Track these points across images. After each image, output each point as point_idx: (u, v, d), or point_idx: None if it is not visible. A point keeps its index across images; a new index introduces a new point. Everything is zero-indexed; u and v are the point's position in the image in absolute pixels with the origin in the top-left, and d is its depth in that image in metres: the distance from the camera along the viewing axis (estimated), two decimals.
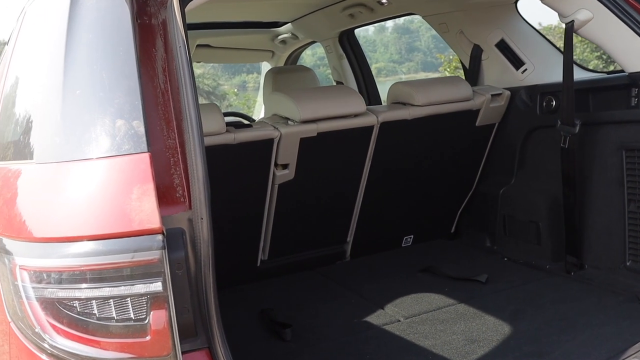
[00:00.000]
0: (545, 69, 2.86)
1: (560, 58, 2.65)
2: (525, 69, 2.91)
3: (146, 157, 1.25)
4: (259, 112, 5.28)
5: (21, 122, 1.56)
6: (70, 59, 1.39)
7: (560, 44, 2.67)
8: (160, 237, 1.22)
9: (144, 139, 1.27)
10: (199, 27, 4.12)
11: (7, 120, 1.70)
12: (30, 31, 1.80)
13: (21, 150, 1.49)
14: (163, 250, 1.22)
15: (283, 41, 4.53)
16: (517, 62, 2.94)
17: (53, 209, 1.28)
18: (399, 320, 2.30)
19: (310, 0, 3.60)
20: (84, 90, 1.35)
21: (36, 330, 1.27)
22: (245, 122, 4.25)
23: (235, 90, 27.14)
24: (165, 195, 1.37)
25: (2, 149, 1.66)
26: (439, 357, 2.01)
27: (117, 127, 1.29)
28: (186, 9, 1.60)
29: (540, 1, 2.42)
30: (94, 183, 1.26)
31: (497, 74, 3.02)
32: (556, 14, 2.43)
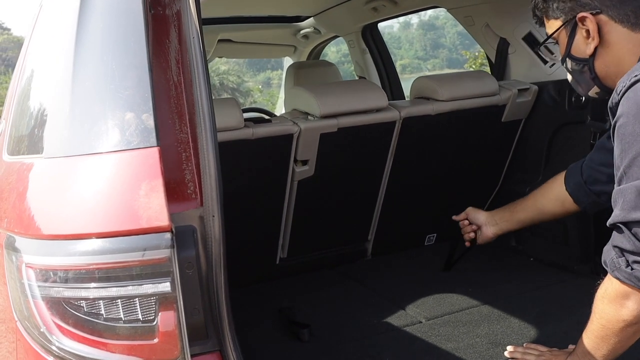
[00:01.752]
0: None
1: None
2: (554, 63, 2.81)
3: (155, 151, 1.20)
4: (281, 108, 5.23)
5: (33, 116, 1.52)
6: (81, 51, 1.35)
7: None
8: (168, 235, 1.17)
9: (154, 132, 1.22)
10: (220, 22, 4.09)
11: (22, 114, 1.67)
12: (44, 24, 1.77)
13: (33, 144, 1.45)
14: (172, 249, 1.17)
15: (305, 36, 4.47)
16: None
17: (60, 205, 1.24)
18: (421, 322, 2.23)
19: None
20: (93, 82, 1.31)
21: (42, 330, 1.23)
22: (266, 117, 4.23)
23: (260, 87, 27.24)
24: (176, 191, 1.32)
25: (17, 143, 1.63)
26: None
27: (126, 120, 1.24)
28: (202, 1, 1.55)
29: None
30: (101, 178, 1.22)
31: (525, 69, 2.93)
32: None
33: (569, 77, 1.64)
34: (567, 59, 1.58)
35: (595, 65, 1.52)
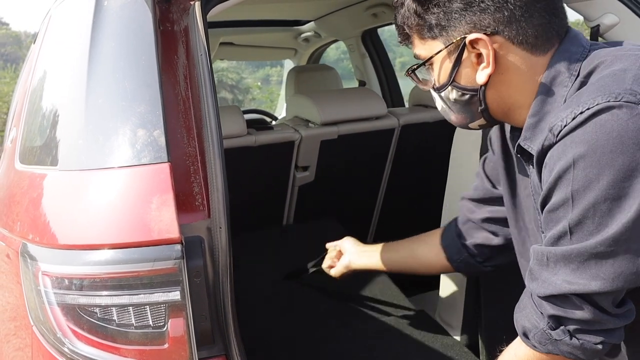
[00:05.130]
0: None
1: None
2: None
3: (166, 167, 1.27)
4: (281, 108, 5.29)
5: (46, 129, 1.59)
6: (94, 68, 1.41)
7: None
8: (178, 246, 1.24)
9: (165, 149, 1.29)
10: (222, 25, 4.14)
11: (33, 126, 1.73)
12: (54, 37, 1.83)
13: (47, 155, 1.51)
14: (181, 260, 1.24)
15: (306, 39, 4.53)
16: None
17: (75, 216, 1.31)
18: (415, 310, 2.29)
19: None
20: (106, 99, 1.37)
21: (57, 335, 1.30)
22: (268, 119, 4.28)
23: (259, 84, 27.19)
24: (185, 203, 1.38)
25: (30, 153, 1.69)
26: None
27: (138, 137, 1.30)
28: (208, 16, 1.62)
29: (565, 4, 2.39)
30: (115, 192, 1.28)
31: None
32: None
33: (441, 106, 1.31)
34: (450, 87, 1.24)
35: (487, 95, 1.21)
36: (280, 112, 5.07)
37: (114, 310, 1.26)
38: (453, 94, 1.25)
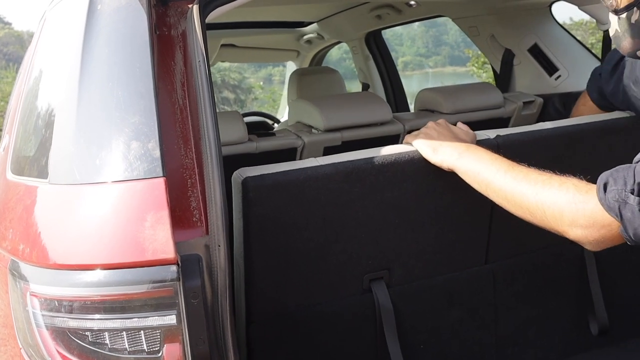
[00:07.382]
0: (580, 76, 2.75)
1: (596, 65, 2.54)
2: (559, 76, 2.80)
3: (161, 182, 1.19)
4: (284, 109, 5.23)
5: (38, 139, 1.51)
6: (85, 76, 1.33)
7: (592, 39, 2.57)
8: (174, 267, 1.16)
9: (160, 162, 1.21)
10: (223, 27, 4.08)
11: (25, 134, 1.66)
12: (47, 42, 1.76)
13: (37, 167, 1.44)
14: (177, 282, 1.16)
15: (308, 41, 4.47)
16: (550, 68, 2.84)
17: (65, 234, 1.23)
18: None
19: (337, 1, 3.54)
20: (98, 109, 1.30)
21: (46, 359, 1.22)
22: (270, 121, 4.21)
23: (261, 83, 27.15)
24: (182, 219, 1.31)
25: (21, 163, 1.61)
26: None
27: (131, 150, 1.23)
28: (207, 20, 1.54)
29: (577, 8, 2.33)
30: (106, 208, 1.20)
31: (530, 80, 2.92)
32: None
33: (615, 30, 1.31)
34: (636, 8, 1.23)
35: None
36: (283, 113, 5.01)
37: (106, 335, 1.19)
38: (636, 16, 1.23)
